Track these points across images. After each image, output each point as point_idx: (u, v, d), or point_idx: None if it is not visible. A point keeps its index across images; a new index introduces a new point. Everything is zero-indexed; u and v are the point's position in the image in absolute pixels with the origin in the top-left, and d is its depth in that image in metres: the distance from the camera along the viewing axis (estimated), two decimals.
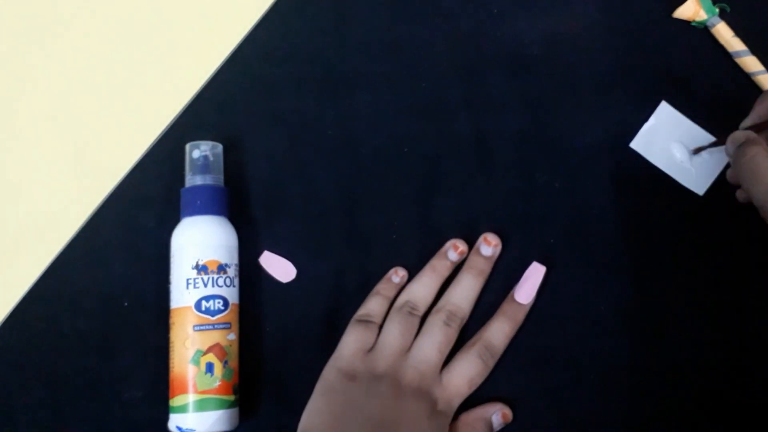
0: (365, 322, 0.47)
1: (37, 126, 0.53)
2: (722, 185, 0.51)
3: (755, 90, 0.53)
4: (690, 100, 0.53)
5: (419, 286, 0.48)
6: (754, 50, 0.52)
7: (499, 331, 0.47)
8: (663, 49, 0.54)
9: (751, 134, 0.45)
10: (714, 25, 0.53)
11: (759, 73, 0.52)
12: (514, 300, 0.48)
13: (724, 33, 0.53)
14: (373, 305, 0.48)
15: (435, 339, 0.46)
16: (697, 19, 0.53)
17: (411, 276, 0.50)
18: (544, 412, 0.48)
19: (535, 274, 0.48)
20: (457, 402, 0.46)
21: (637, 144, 0.52)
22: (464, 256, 0.49)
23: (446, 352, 0.47)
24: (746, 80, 0.53)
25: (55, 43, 0.54)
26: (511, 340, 0.48)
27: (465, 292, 0.48)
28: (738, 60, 0.53)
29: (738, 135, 0.46)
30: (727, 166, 0.51)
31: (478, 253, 0.49)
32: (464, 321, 0.48)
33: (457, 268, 0.49)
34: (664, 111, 0.53)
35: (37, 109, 0.53)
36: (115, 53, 0.54)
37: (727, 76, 0.53)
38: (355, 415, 0.44)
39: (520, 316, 0.48)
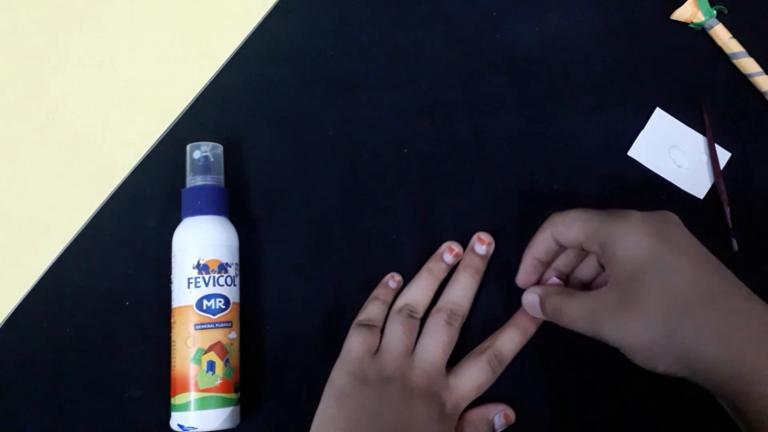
0: (368, 326, 0.47)
1: (39, 126, 0.53)
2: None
3: (753, 91, 0.53)
4: (687, 101, 0.53)
5: (417, 288, 0.49)
6: (752, 52, 0.53)
7: (510, 342, 0.47)
8: (661, 50, 0.54)
9: (542, 292, 0.45)
10: (712, 27, 0.53)
11: (756, 74, 0.52)
12: (527, 312, 0.48)
13: (721, 35, 0.53)
14: (372, 310, 0.48)
15: (438, 339, 0.47)
16: (695, 20, 0.53)
17: (406, 280, 0.50)
18: (545, 413, 0.48)
19: None
20: (463, 406, 0.46)
21: (634, 152, 0.52)
22: (459, 258, 0.50)
23: (450, 351, 0.47)
24: (744, 81, 0.53)
25: (58, 44, 0.54)
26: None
27: (463, 291, 0.48)
28: (736, 61, 0.53)
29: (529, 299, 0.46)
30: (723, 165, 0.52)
31: (473, 251, 0.50)
32: (464, 319, 0.48)
33: (452, 270, 0.50)
34: (658, 117, 0.53)
35: (39, 108, 0.53)
36: (116, 54, 0.54)
37: (724, 77, 0.53)
38: (369, 422, 0.43)
39: (532, 328, 0.48)
